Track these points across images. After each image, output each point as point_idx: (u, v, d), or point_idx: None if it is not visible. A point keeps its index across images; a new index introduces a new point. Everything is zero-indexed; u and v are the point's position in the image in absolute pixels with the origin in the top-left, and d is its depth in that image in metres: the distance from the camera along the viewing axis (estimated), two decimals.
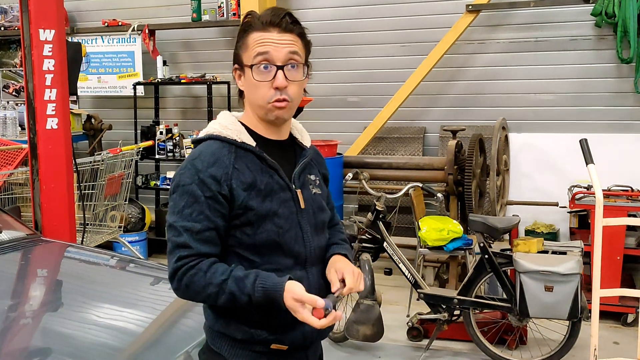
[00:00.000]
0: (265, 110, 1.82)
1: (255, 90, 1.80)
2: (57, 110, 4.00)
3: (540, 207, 6.00)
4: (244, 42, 1.82)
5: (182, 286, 1.75)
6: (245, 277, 1.72)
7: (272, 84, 1.78)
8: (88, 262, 3.43)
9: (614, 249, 4.68)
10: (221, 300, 1.73)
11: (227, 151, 1.80)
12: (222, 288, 1.71)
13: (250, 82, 1.81)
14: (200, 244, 1.74)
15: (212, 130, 1.85)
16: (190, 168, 1.78)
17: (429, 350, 4.37)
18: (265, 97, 1.79)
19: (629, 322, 4.81)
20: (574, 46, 6.17)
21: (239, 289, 1.70)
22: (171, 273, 1.76)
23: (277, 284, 1.70)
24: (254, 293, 1.70)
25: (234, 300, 1.72)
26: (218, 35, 7.35)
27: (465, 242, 4.61)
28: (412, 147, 6.58)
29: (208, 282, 1.72)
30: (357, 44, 6.78)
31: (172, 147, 6.88)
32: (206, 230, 1.75)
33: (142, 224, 6.70)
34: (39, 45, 3.91)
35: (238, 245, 1.80)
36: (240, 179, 1.77)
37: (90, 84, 7.65)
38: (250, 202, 1.76)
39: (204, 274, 1.73)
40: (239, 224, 1.78)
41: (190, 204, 1.75)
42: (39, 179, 4.01)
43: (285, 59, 1.79)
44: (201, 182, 1.75)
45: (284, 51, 1.78)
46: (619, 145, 5.91)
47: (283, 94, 1.79)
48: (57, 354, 2.24)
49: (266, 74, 1.78)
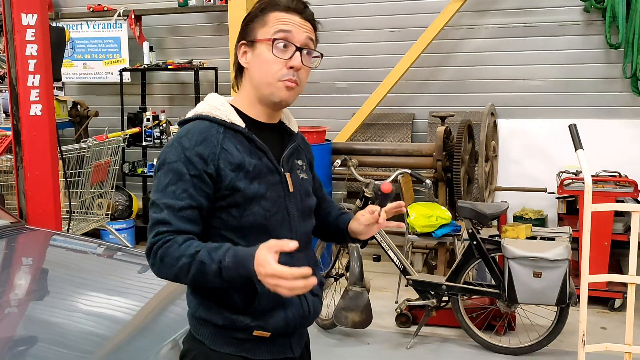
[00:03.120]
0: (273, 88, 1.79)
1: (267, 66, 1.78)
2: (40, 97, 3.95)
3: (528, 193, 6.02)
4: (262, 18, 1.81)
5: (157, 260, 1.70)
6: (218, 247, 1.67)
7: (287, 63, 1.77)
8: (74, 250, 3.40)
9: (602, 235, 4.69)
10: (191, 272, 1.66)
11: (216, 131, 1.77)
12: (194, 258, 1.66)
13: (262, 57, 1.78)
14: (181, 221, 1.71)
15: (201, 110, 1.83)
16: (177, 146, 1.75)
17: (418, 337, 4.38)
18: (277, 74, 1.77)
19: (617, 307, 4.85)
20: (563, 31, 6.17)
21: (210, 257, 1.65)
22: (148, 248, 1.73)
23: (249, 249, 1.63)
24: (225, 259, 1.63)
25: (204, 270, 1.65)
26: (205, 21, 7.29)
27: (454, 228, 4.61)
28: (401, 134, 6.56)
29: (182, 253, 1.67)
30: (345, 30, 6.74)
31: (159, 134, 6.83)
32: (188, 208, 1.72)
33: (130, 211, 6.67)
34: (21, 30, 3.85)
35: (223, 227, 1.77)
36: (228, 159, 1.74)
37: (75, 70, 7.57)
38: (237, 184, 1.74)
39: (178, 246, 1.68)
40: (225, 205, 1.75)
41: (174, 181, 1.72)
42: (23, 166, 3.96)
43: (304, 43, 1.80)
44: (187, 160, 1.72)
45: (304, 35, 1.81)
46: (607, 131, 5.93)
47: (295, 75, 1.78)
48: (43, 343, 2.21)
49: (284, 52, 1.77)
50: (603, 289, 4.80)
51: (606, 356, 3.76)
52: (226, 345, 1.80)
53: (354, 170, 4.79)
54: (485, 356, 4.18)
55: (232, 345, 1.80)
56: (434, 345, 4.34)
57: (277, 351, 1.85)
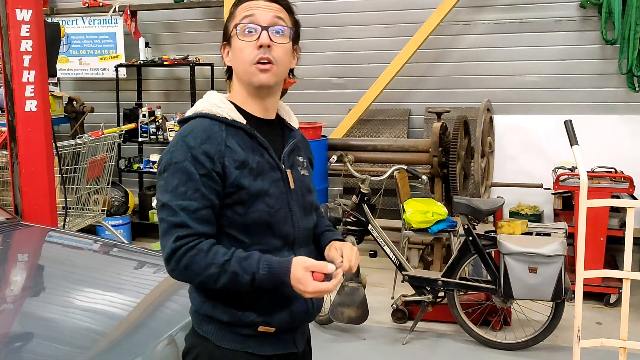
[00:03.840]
0: (249, 74, 1.78)
1: (240, 55, 1.79)
2: (36, 92, 3.94)
3: (524, 189, 6.03)
4: (232, 14, 1.83)
5: (179, 267, 1.70)
6: (248, 257, 1.69)
7: (256, 43, 1.77)
8: (70, 247, 3.39)
9: (598, 231, 4.70)
10: (222, 281, 1.69)
11: (218, 128, 1.77)
12: (224, 268, 1.68)
13: (236, 48, 1.80)
14: (198, 223, 1.70)
15: (201, 108, 1.82)
16: (182, 145, 1.73)
17: (414, 332, 4.39)
18: (249, 58, 1.77)
19: (612, 303, 4.86)
20: (559, 27, 6.17)
21: (242, 269, 1.67)
22: (169, 253, 1.70)
23: (282, 262, 1.69)
24: (259, 271, 1.67)
25: (236, 280, 1.68)
26: (201, 16, 7.27)
27: (450, 224, 4.62)
28: (397, 129, 6.56)
29: (210, 262, 1.68)
30: (341, 25, 6.73)
31: (155, 130, 6.82)
32: (203, 209, 1.71)
33: (126, 207, 6.65)
34: (15, 26, 3.84)
35: (229, 225, 1.77)
36: (232, 157, 1.74)
37: (71, 66, 7.54)
38: (242, 181, 1.74)
39: (205, 254, 1.68)
40: (231, 203, 1.75)
41: (184, 181, 1.71)
42: (18, 162, 3.95)
43: (271, 22, 1.79)
44: (194, 159, 1.71)
45: (270, 14, 1.79)
46: (603, 127, 5.94)
47: (267, 53, 1.77)
48: (39, 339, 2.21)
49: (251, 35, 1.77)
50: (598, 285, 4.82)
51: (601, 351, 3.77)
52: (231, 342, 1.80)
53: (350, 166, 4.79)
54: (481, 351, 4.19)
55: (237, 341, 1.80)
56: (430, 341, 4.35)
57: (281, 346, 1.86)
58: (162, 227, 1.73)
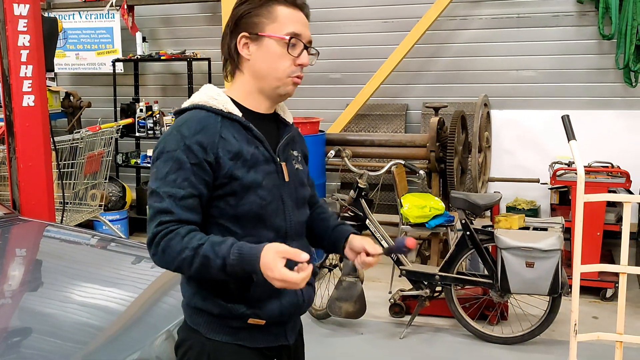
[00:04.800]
0: (281, 83, 1.83)
1: (278, 62, 1.81)
2: (33, 87, 3.93)
3: (521, 184, 6.04)
4: (269, 12, 1.81)
5: (159, 251, 1.71)
6: (222, 242, 1.68)
7: (295, 60, 1.82)
8: (68, 241, 3.39)
9: (594, 225, 4.71)
10: (195, 266, 1.68)
11: (214, 120, 1.78)
12: (197, 252, 1.67)
13: (271, 52, 1.81)
14: (183, 210, 1.72)
15: (197, 100, 1.83)
16: (176, 134, 1.75)
17: (411, 327, 4.40)
18: (287, 71, 1.82)
19: (608, 297, 4.88)
20: (556, 22, 6.17)
21: (214, 252, 1.66)
22: (150, 238, 1.73)
23: (254, 247, 1.66)
24: (229, 256, 1.65)
25: (208, 265, 1.67)
26: (198, 11, 7.26)
27: (447, 219, 4.62)
28: (395, 125, 6.57)
29: (184, 246, 1.68)
30: (339, 20, 6.73)
31: (152, 125, 6.80)
32: (189, 197, 1.72)
33: (123, 202, 6.65)
34: (13, 20, 3.83)
35: (220, 216, 1.78)
36: (226, 147, 1.75)
37: (68, 60, 7.53)
38: (235, 172, 1.75)
39: (181, 238, 1.69)
40: (223, 194, 1.76)
41: (174, 170, 1.72)
42: (16, 157, 3.95)
43: (309, 41, 1.86)
44: (187, 148, 1.72)
45: (308, 35, 1.86)
46: (600, 122, 5.95)
47: (302, 70, 1.85)
48: (37, 334, 2.21)
49: (295, 50, 1.82)
50: (595, 279, 4.83)
51: (598, 345, 3.79)
52: (222, 334, 1.82)
53: (348, 161, 4.79)
54: (478, 345, 4.20)
55: (228, 333, 1.81)
56: (427, 335, 4.36)
57: (272, 339, 1.87)
58: (149, 214, 1.76)
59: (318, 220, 2.07)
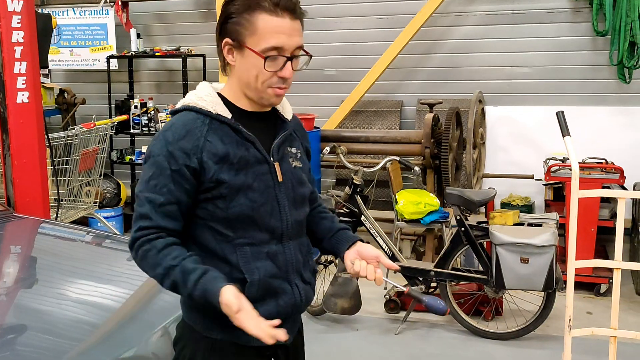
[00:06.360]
0: (261, 93, 1.78)
1: (257, 76, 1.75)
2: (27, 84, 3.91)
3: (516, 180, 6.05)
4: (249, 22, 1.71)
5: (137, 257, 1.77)
6: (192, 271, 1.68)
7: (278, 73, 1.75)
8: (63, 238, 3.38)
9: (589, 221, 4.73)
10: (165, 285, 1.73)
11: (201, 123, 1.76)
12: (168, 273, 1.70)
13: (251, 65, 1.74)
14: (161, 216, 1.73)
15: (188, 101, 1.82)
16: (162, 139, 1.76)
17: (406, 322, 4.41)
18: (267, 83, 1.76)
19: (602, 293, 4.90)
20: (551, 19, 6.18)
21: (183, 281, 1.69)
22: (130, 242, 1.77)
23: (217, 289, 1.65)
24: (194, 291, 1.68)
25: (176, 289, 1.72)
26: (193, 8, 7.24)
27: (442, 215, 4.63)
28: (389, 121, 6.57)
29: (158, 262, 1.71)
30: (333, 16, 6.72)
31: (147, 122, 6.79)
32: (168, 204, 1.73)
33: (118, 199, 6.63)
34: (7, 16, 3.81)
35: (211, 219, 1.78)
36: (211, 151, 1.74)
37: (62, 57, 7.50)
38: (221, 175, 1.74)
39: (157, 252, 1.72)
40: (211, 197, 1.76)
41: (156, 175, 1.74)
42: (10, 154, 3.93)
43: (294, 50, 1.76)
44: (169, 154, 1.73)
45: (295, 42, 1.75)
46: (594, 118, 5.97)
47: (285, 83, 1.78)
48: (32, 331, 2.21)
49: (275, 65, 1.74)
50: (589, 275, 4.85)
51: (592, 340, 3.81)
52: (218, 332, 1.81)
53: (343, 158, 4.80)
54: (473, 341, 4.21)
55: (224, 331, 1.80)
56: (422, 331, 4.37)
57: None
58: (133, 216, 1.79)
59: (318, 219, 2.05)
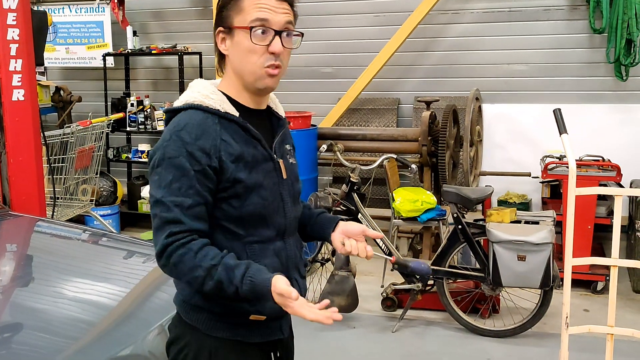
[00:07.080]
0: (256, 76, 1.76)
1: (248, 55, 1.74)
2: (23, 82, 3.90)
3: (512, 178, 6.06)
4: (237, 4, 1.75)
5: (170, 263, 1.69)
6: (235, 267, 1.66)
7: (268, 48, 1.73)
8: (59, 236, 3.37)
9: (585, 219, 4.73)
10: (207, 286, 1.67)
11: (212, 122, 1.73)
12: (210, 273, 1.66)
13: (242, 46, 1.74)
14: (192, 219, 1.68)
15: (192, 99, 1.78)
16: (177, 140, 1.70)
17: (403, 320, 4.41)
18: (259, 62, 1.74)
19: (599, 290, 4.90)
20: (547, 16, 6.18)
21: (228, 279, 1.65)
22: (160, 249, 1.69)
23: (266, 280, 1.64)
24: (242, 286, 1.65)
25: (221, 288, 1.67)
26: (189, 5, 7.22)
27: (439, 212, 4.63)
28: (386, 119, 6.57)
29: (197, 264, 1.66)
30: (330, 14, 6.71)
31: (143, 119, 6.78)
32: (196, 206, 1.69)
33: (114, 197, 6.62)
34: (2, 14, 3.79)
35: (224, 218, 1.76)
36: (228, 150, 1.72)
37: (58, 55, 7.48)
38: (238, 175, 1.72)
39: (194, 254, 1.66)
40: (226, 197, 1.74)
41: (178, 177, 1.68)
42: (6, 152, 3.92)
43: (283, 26, 1.75)
44: (190, 155, 1.68)
45: (282, 18, 1.75)
46: (591, 116, 5.97)
47: (277, 59, 1.75)
48: (28, 329, 2.20)
49: (263, 38, 1.73)
50: (586, 272, 4.85)
51: (589, 338, 3.81)
52: (222, 331, 1.80)
53: (340, 156, 4.79)
54: (470, 339, 4.21)
55: (227, 330, 1.80)
56: (419, 329, 4.37)
57: (269, 333, 1.87)
58: (155, 223, 1.71)
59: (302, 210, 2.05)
